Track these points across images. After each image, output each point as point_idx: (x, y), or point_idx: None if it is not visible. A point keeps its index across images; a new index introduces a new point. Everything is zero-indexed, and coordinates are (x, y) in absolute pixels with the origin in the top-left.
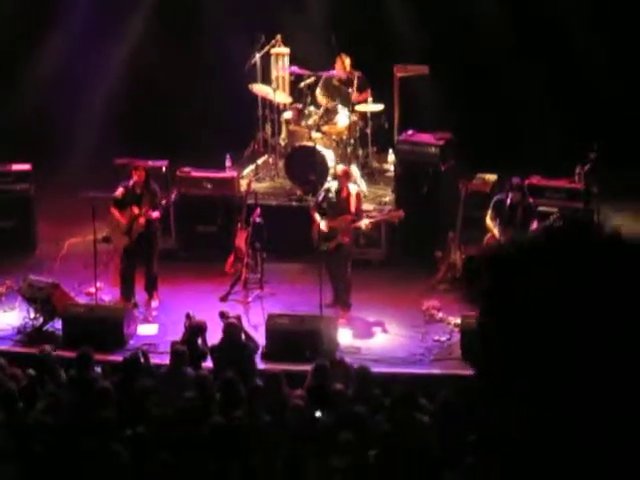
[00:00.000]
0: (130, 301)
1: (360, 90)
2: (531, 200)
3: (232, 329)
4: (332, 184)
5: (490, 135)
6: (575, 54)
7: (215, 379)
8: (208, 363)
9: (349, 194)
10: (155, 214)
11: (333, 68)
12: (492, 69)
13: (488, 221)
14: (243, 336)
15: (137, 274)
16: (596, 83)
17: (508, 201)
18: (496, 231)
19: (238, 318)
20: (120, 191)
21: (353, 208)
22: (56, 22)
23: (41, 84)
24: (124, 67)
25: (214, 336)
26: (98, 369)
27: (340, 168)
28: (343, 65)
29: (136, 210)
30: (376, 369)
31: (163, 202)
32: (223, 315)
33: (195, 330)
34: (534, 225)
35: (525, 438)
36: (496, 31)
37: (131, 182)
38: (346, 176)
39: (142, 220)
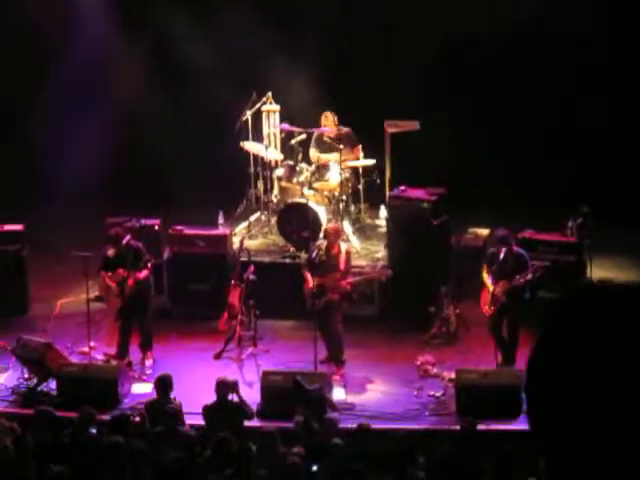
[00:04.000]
0: (124, 360)
1: (350, 146)
2: (518, 250)
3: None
4: (323, 241)
5: (485, 190)
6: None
7: (206, 439)
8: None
9: (339, 252)
10: (142, 274)
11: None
12: (484, 123)
13: (484, 275)
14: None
15: (132, 333)
16: (592, 138)
17: (501, 254)
18: (489, 284)
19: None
20: (111, 251)
21: (342, 266)
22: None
23: (32, 144)
24: (115, 125)
25: (208, 397)
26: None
27: (330, 226)
28: (328, 121)
29: (122, 272)
30: (371, 425)
31: (149, 261)
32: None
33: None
34: (529, 276)
35: None
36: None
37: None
38: (335, 233)
39: (130, 282)
